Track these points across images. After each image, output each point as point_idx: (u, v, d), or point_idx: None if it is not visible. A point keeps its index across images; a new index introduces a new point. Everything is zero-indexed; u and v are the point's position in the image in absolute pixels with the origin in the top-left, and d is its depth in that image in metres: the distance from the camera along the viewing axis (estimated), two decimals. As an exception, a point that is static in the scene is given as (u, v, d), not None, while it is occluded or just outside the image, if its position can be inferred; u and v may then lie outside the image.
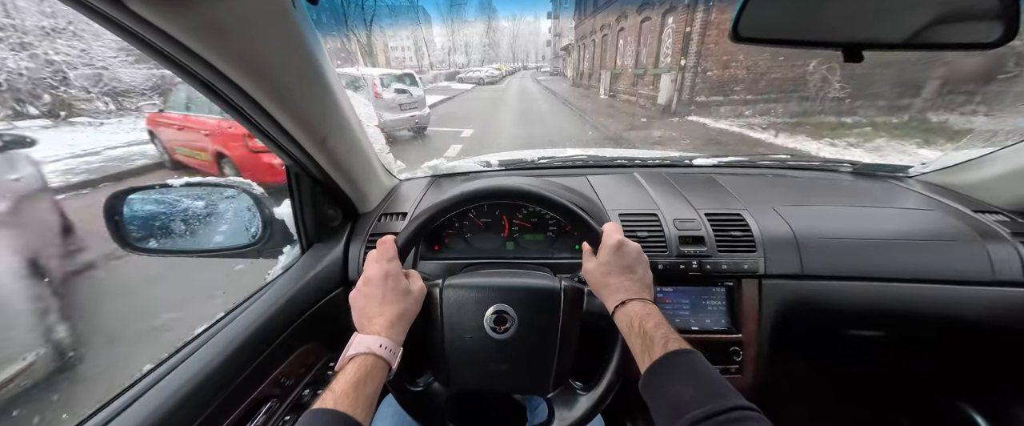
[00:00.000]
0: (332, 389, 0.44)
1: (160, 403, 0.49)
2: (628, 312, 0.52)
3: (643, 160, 1.21)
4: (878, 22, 0.42)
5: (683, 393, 0.41)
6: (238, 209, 0.81)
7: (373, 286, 0.54)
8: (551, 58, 60.90)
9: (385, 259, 0.56)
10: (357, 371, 0.46)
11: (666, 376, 0.44)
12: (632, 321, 0.51)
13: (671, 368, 0.45)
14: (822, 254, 0.79)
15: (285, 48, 0.47)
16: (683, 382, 0.43)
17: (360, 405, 0.43)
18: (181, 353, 0.57)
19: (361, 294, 0.55)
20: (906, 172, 1.11)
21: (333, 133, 0.65)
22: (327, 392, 0.44)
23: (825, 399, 1.13)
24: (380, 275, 0.54)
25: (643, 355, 0.48)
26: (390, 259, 0.56)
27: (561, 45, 44.93)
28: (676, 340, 0.47)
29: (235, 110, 0.50)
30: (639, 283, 0.56)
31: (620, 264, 0.57)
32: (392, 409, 0.72)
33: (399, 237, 0.60)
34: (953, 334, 0.86)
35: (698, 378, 0.43)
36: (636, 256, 0.58)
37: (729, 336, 0.77)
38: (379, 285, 0.54)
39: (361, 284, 0.55)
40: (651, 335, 0.48)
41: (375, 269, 0.55)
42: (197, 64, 0.41)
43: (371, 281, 0.54)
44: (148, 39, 0.38)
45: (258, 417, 0.62)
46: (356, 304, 0.55)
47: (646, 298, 0.55)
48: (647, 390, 0.46)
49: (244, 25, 0.41)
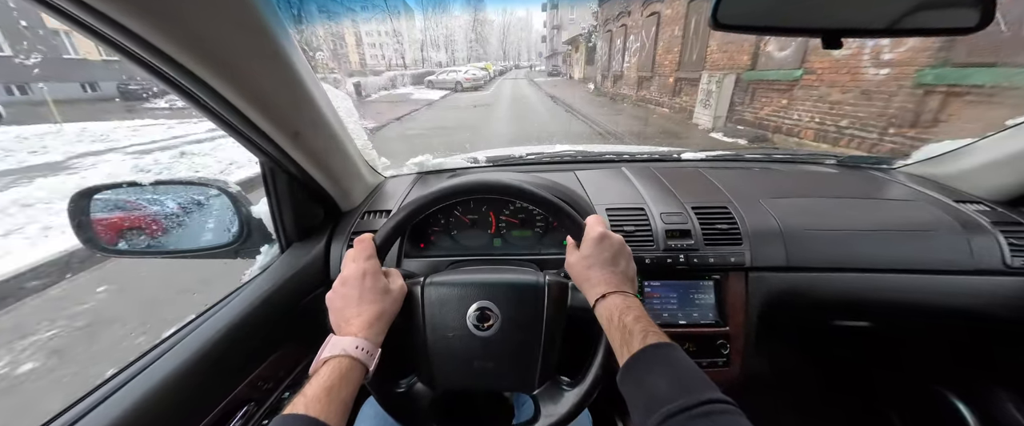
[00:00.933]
0: (304, 393, 0.42)
1: (128, 406, 0.47)
2: (608, 306, 0.52)
3: (631, 155, 1.20)
4: (858, 8, 0.41)
5: (658, 386, 0.41)
6: (213, 208, 0.79)
7: (350, 286, 0.52)
8: (547, 56, 53.17)
9: (363, 258, 0.54)
10: (330, 374, 0.44)
11: (643, 369, 0.44)
12: (612, 315, 0.50)
13: (648, 361, 0.44)
14: (807, 246, 0.79)
15: (244, 32, 0.44)
16: (659, 375, 0.42)
17: (333, 409, 0.41)
18: (150, 355, 0.55)
19: (338, 294, 0.53)
20: (890, 164, 1.12)
21: (307, 128, 0.63)
22: (298, 396, 0.42)
23: (813, 390, 1.14)
24: (357, 274, 0.52)
25: (622, 349, 0.47)
26: (368, 258, 0.54)
27: (562, 40, 37.28)
28: (655, 333, 0.46)
29: (195, 101, 0.48)
30: (620, 276, 0.55)
31: (602, 257, 0.56)
32: (374, 410, 0.71)
33: (377, 235, 0.58)
34: (937, 323, 0.87)
35: (674, 371, 0.42)
36: (618, 248, 0.57)
37: (717, 329, 0.77)
38: (356, 285, 0.52)
39: (338, 284, 0.54)
40: (630, 328, 0.47)
41: (352, 268, 0.53)
42: (147, 51, 0.39)
43: (348, 281, 0.53)
44: (89, 23, 0.35)
45: (234, 421, 0.60)
46: (333, 305, 0.53)
47: (627, 291, 0.54)
48: (624, 384, 0.45)
49: (194, 6, 0.38)
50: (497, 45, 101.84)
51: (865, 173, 1.09)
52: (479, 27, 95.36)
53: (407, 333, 0.58)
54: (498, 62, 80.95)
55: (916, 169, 1.06)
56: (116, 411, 0.47)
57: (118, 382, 0.50)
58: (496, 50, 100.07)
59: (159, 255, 0.76)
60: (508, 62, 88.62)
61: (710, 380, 0.41)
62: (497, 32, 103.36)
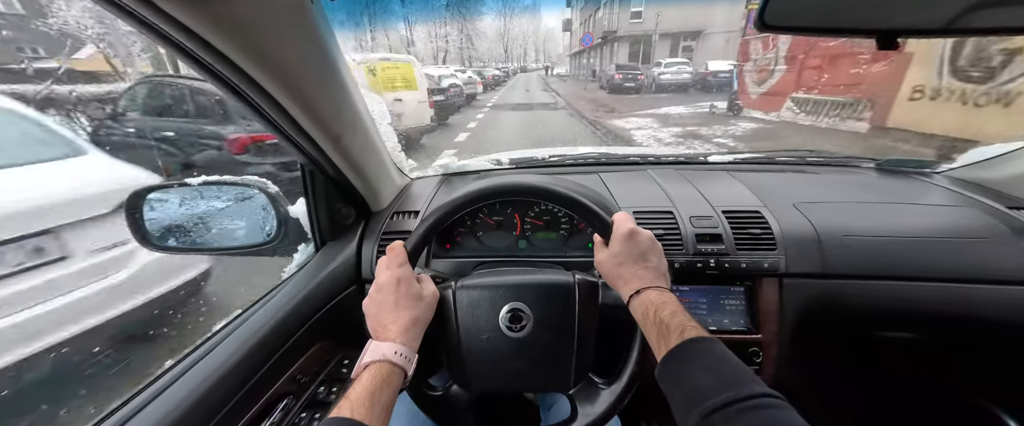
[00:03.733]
0: (348, 397, 0.44)
1: (181, 399, 0.50)
2: (643, 301, 0.51)
3: (657, 157, 1.18)
4: (916, 6, 0.40)
5: (701, 381, 0.40)
6: (254, 208, 0.82)
7: (385, 293, 0.54)
8: (574, 52, 40.05)
9: (396, 265, 0.56)
10: (372, 379, 0.46)
11: (683, 364, 0.43)
12: (647, 310, 0.50)
13: (688, 356, 0.43)
14: (846, 252, 0.76)
15: (302, 43, 0.47)
16: (701, 370, 0.41)
17: (376, 413, 0.43)
18: (201, 349, 0.58)
19: (374, 302, 0.55)
20: (933, 168, 1.06)
21: (347, 131, 0.65)
22: (343, 400, 0.43)
23: (851, 404, 1.09)
24: (392, 281, 0.54)
25: (659, 344, 0.46)
26: (400, 265, 0.56)
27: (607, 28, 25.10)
28: (693, 327, 0.46)
29: (253, 107, 0.50)
30: (653, 271, 0.55)
31: (633, 253, 0.55)
32: (405, 408, 0.72)
33: (408, 241, 0.59)
34: (989, 336, 0.83)
35: (716, 365, 0.41)
36: (649, 244, 0.57)
37: (749, 336, 0.75)
38: (391, 291, 0.53)
39: (373, 291, 0.55)
40: (667, 323, 0.47)
41: (386, 276, 0.55)
42: (217, 60, 0.41)
43: (383, 288, 0.54)
44: (171, 36, 0.38)
45: (275, 414, 0.62)
46: (370, 311, 0.55)
47: (662, 286, 0.53)
48: (664, 379, 0.44)
49: (263, 20, 0.41)
50: (495, 40, 74.04)
51: (907, 177, 1.05)
52: (468, 25, 62.38)
53: (441, 336, 0.60)
54: (498, 63, 58.45)
55: (963, 173, 1.00)
56: (169, 404, 0.49)
57: (174, 374, 0.53)
58: (492, 48, 72.26)
59: (204, 252, 0.80)
60: (511, 64, 67.09)
61: (753, 373, 0.40)
62: (493, 27, 75.08)
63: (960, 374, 0.99)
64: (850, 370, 1.04)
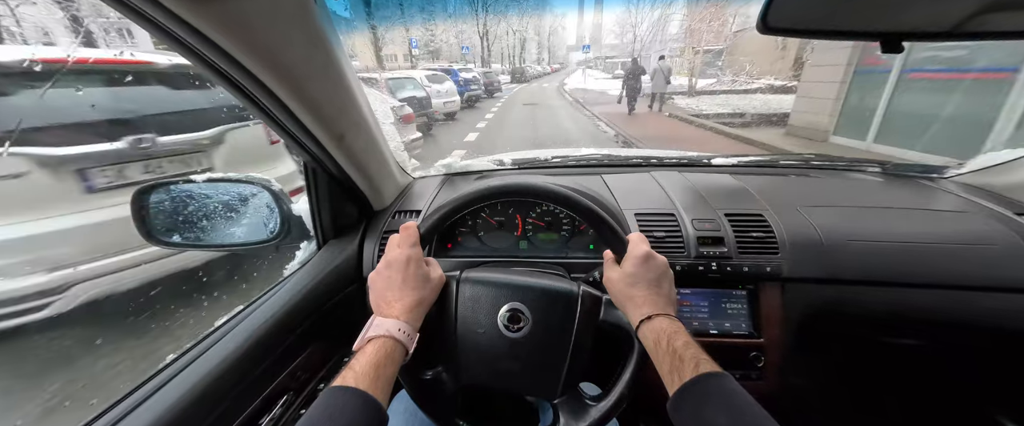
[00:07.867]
0: (352, 368, 0.43)
1: (183, 393, 0.50)
2: (655, 328, 0.51)
3: (660, 159, 1.18)
4: (921, 9, 0.39)
5: (717, 420, 0.40)
6: (257, 205, 0.83)
7: (395, 270, 0.54)
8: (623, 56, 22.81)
9: (408, 244, 0.56)
10: (377, 352, 0.45)
11: (698, 401, 0.43)
12: (659, 338, 0.49)
13: (704, 392, 0.43)
14: (851, 257, 0.75)
15: (307, 43, 0.47)
16: (716, 408, 0.41)
17: (379, 386, 0.43)
18: (203, 344, 0.58)
19: (381, 276, 0.54)
20: (940, 172, 1.05)
21: (350, 130, 0.66)
22: (347, 370, 0.43)
23: (854, 410, 1.08)
24: (403, 259, 0.54)
25: (672, 375, 0.46)
26: (412, 244, 0.56)
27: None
28: (707, 361, 0.46)
29: (257, 106, 0.51)
30: (665, 298, 0.55)
31: (647, 276, 0.55)
32: (403, 406, 0.72)
33: (422, 224, 0.59)
34: (998, 344, 0.81)
35: (733, 406, 0.41)
36: (663, 270, 0.57)
37: (750, 341, 0.75)
38: (401, 269, 0.53)
39: (382, 266, 0.55)
40: (680, 354, 0.46)
41: (398, 253, 0.55)
42: (222, 59, 0.41)
43: (393, 264, 0.54)
44: (177, 34, 0.38)
45: (274, 410, 0.63)
46: (376, 286, 0.55)
47: (672, 314, 0.53)
48: (677, 412, 0.44)
49: (268, 19, 0.41)
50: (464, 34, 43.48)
51: (913, 182, 1.03)
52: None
53: (438, 324, 0.60)
54: (475, 65, 24.49)
55: (970, 179, 0.99)
56: (169, 399, 0.49)
57: (176, 368, 0.53)
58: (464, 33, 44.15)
59: (208, 248, 0.81)
60: (501, 64, 43.19)
61: (770, 415, 0.40)
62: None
63: (966, 383, 0.97)
64: (853, 376, 1.03)
